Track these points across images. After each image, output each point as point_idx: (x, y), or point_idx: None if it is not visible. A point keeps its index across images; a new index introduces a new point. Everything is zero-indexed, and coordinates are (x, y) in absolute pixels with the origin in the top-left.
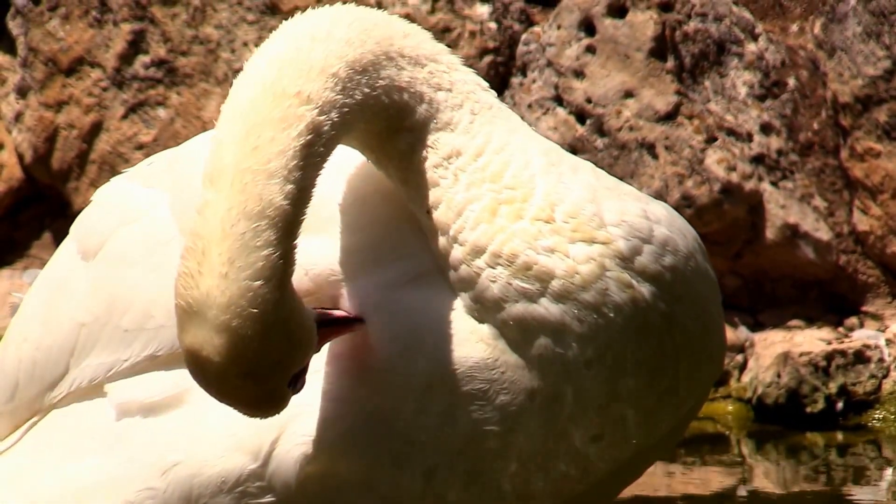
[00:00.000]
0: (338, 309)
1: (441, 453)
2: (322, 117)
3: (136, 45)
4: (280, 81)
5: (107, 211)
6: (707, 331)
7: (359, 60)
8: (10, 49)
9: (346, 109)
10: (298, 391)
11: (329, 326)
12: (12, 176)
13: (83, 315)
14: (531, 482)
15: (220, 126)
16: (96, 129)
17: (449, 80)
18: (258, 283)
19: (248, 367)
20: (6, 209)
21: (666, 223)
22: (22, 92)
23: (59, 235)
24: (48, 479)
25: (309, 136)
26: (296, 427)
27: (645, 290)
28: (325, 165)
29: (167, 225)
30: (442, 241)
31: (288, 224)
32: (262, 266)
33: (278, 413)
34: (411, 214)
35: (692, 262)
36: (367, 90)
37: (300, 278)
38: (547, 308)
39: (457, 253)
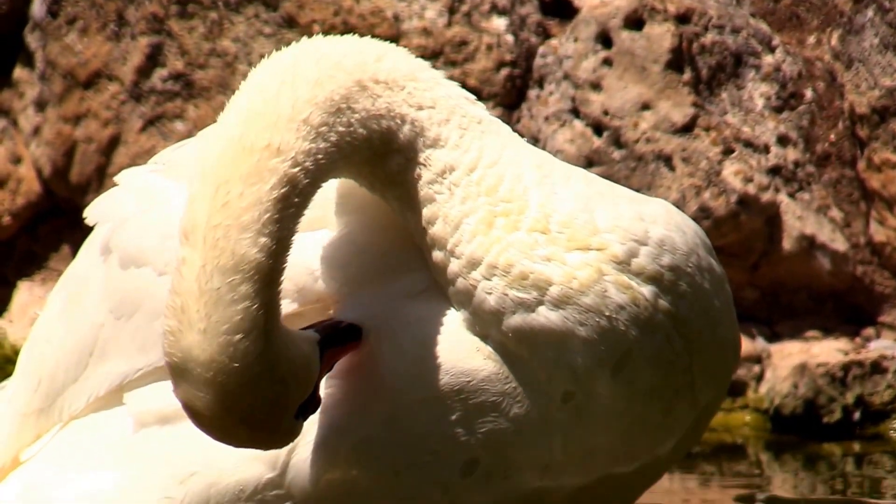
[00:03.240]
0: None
1: (458, 462)
2: (296, 169)
3: (154, 58)
4: (248, 135)
5: (124, 200)
6: (715, 325)
7: (330, 98)
8: (29, 63)
9: (321, 156)
10: (314, 412)
11: (335, 346)
12: (31, 189)
13: (100, 315)
14: (550, 489)
15: (192, 183)
16: (114, 142)
17: (431, 98)
18: (238, 336)
19: (242, 415)
20: (25, 223)
21: (662, 222)
22: (40, 105)
23: (78, 249)
24: (67, 490)
25: (283, 189)
26: (311, 436)
27: (645, 290)
28: (304, 213)
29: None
30: (439, 255)
31: (265, 276)
32: (241, 319)
33: (292, 440)
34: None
35: (693, 258)
36: (342, 129)
37: (307, 279)
38: (546, 316)
39: (453, 266)
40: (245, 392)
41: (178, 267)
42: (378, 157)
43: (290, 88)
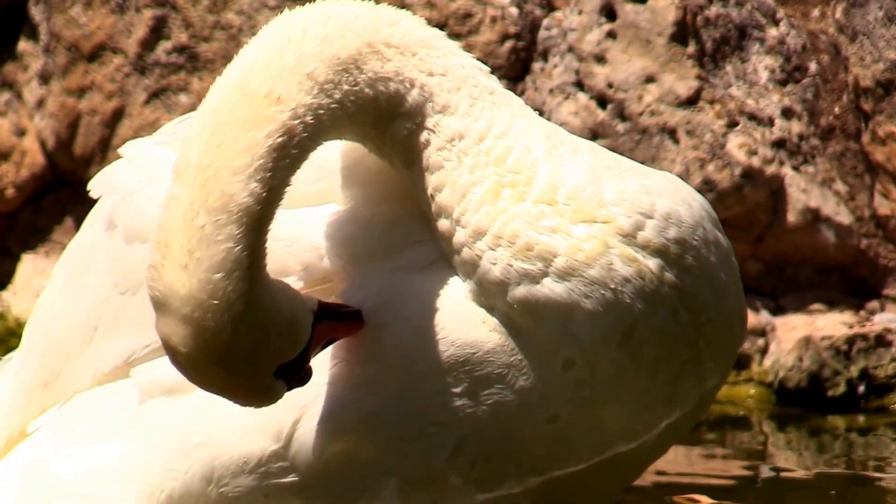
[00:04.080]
0: (343, 304)
1: (464, 434)
2: (295, 121)
3: (158, 31)
4: (249, 83)
5: (129, 173)
6: (721, 298)
7: (336, 56)
8: (33, 35)
9: (322, 112)
10: (301, 384)
11: (335, 321)
12: (35, 162)
13: (105, 290)
14: (555, 461)
15: (191, 125)
16: (118, 115)
17: (443, 66)
18: (218, 275)
19: (217, 356)
20: (29, 195)
21: (669, 195)
22: (44, 78)
23: (82, 221)
24: (73, 462)
25: (280, 139)
26: (317, 408)
27: (651, 263)
28: (301, 165)
29: None
30: (445, 223)
31: (252, 220)
32: (223, 259)
33: (271, 404)
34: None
35: (699, 231)
36: (346, 88)
37: (312, 257)
38: (551, 288)
39: (459, 236)
40: (221, 330)
41: (166, 202)
42: (385, 120)
43: (297, 43)
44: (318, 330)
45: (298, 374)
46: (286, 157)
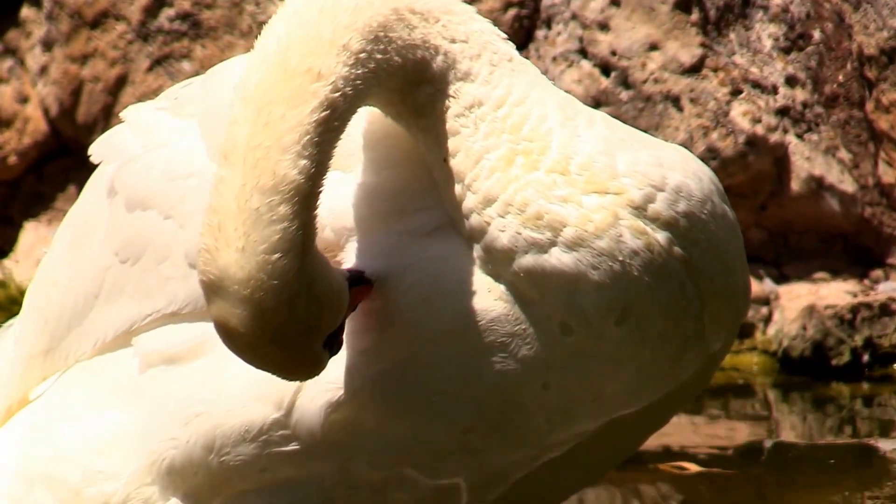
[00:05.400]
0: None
1: (466, 403)
2: (336, 94)
3: None
4: (289, 60)
5: (130, 139)
6: (728, 272)
7: (368, 25)
8: (36, 2)
9: (360, 82)
10: (336, 352)
11: (359, 285)
12: (37, 129)
13: (106, 258)
14: (556, 431)
15: (233, 107)
16: (121, 82)
17: (464, 32)
18: (276, 255)
19: (275, 335)
20: (31, 163)
21: (680, 169)
22: (47, 45)
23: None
24: (72, 430)
25: (324, 113)
26: (319, 376)
27: (660, 236)
28: (342, 136)
29: (188, 158)
30: (457, 188)
31: (304, 197)
32: (279, 239)
33: (318, 374)
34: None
35: (708, 205)
36: (379, 56)
37: (321, 227)
38: (559, 258)
39: (469, 202)
40: (282, 309)
41: (215, 186)
42: (410, 85)
43: (330, 14)
44: (352, 296)
45: (338, 343)
46: (330, 130)
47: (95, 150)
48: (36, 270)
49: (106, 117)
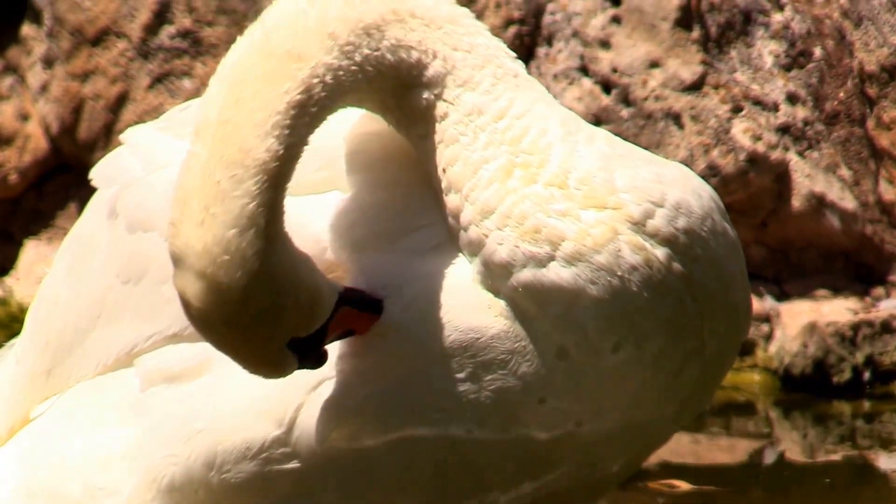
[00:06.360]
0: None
1: (468, 420)
2: (314, 79)
3: (162, 15)
4: (269, 41)
5: (131, 161)
6: (728, 289)
7: (360, 20)
8: (36, 19)
9: (342, 73)
10: (314, 366)
11: (357, 309)
12: (38, 147)
13: (107, 279)
14: (558, 447)
15: (210, 84)
16: (122, 99)
17: (468, 43)
18: (233, 231)
19: (230, 314)
20: (32, 180)
21: (679, 185)
22: (48, 62)
23: (85, 207)
24: (74, 446)
25: (298, 96)
26: (320, 393)
27: (659, 252)
28: (319, 125)
29: None
30: (455, 199)
31: (269, 176)
32: (238, 214)
33: (280, 377)
34: (427, 177)
35: (708, 222)
36: (367, 52)
37: (314, 249)
38: (558, 273)
39: (467, 213)
40: (234, 286)
41: (185, 160)
42: (404, 88)
43: (321, 5)
44: (340, 314)
45: (313, 354)
46: (304, 115)
47: (97, 174)
48: (36, 289)
49: (107, 135)
